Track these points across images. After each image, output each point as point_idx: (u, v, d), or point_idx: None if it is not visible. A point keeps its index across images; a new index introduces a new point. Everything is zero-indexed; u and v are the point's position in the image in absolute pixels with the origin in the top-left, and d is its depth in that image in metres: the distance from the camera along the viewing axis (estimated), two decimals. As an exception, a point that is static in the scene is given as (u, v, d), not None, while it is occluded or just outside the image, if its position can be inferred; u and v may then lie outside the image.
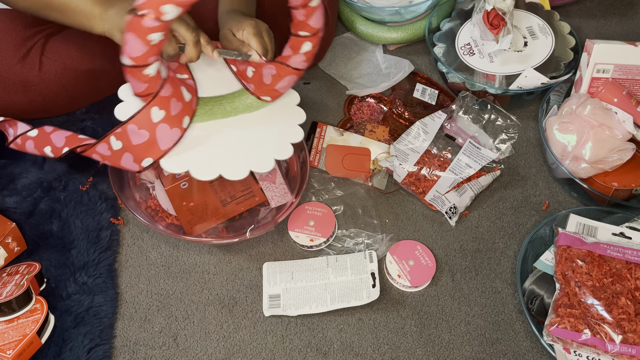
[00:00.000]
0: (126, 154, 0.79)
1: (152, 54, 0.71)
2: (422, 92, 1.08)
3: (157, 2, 0.66)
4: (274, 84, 0.85)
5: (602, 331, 0.76)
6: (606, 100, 0.93)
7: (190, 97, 0.81)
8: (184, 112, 0.80)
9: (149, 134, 0.77)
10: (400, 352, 0.82)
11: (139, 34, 0.68)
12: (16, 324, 0.79)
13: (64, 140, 0.84)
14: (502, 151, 1.01)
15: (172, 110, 0.78)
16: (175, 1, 0.66)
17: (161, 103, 0.76)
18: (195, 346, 0.83)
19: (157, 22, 0.67)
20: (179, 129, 0.79)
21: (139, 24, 0.67)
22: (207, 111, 0.85)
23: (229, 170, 0.79)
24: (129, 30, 0.68)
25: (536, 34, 1.07)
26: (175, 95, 0.78)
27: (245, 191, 0.91)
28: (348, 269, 0.87)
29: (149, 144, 0.77)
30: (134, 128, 0.77)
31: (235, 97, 0.87)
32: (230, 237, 0.88)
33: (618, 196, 0.91)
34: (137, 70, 0.73)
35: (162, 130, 0.77)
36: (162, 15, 0.67)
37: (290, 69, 0.83)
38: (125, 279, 0.89)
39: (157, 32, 0.68)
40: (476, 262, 0.91)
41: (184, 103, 0.79)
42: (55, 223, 0.92)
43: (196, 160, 0.79)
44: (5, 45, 0.92)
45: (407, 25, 1.15)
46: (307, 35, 0.79)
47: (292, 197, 0.91)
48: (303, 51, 0.81)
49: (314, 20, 0.77)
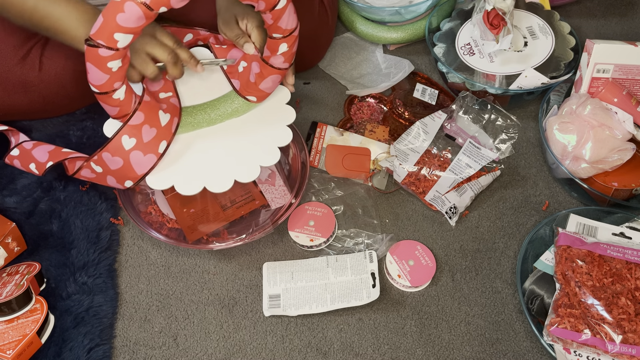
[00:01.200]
0: (109, 176, 0.80)
1: (116, 79, 0.72)
2: (422, 92, 1.08)
3: (108, 32, 0.67)
4: (258, 84, 0.85)
5: (602, 331, 0.76)
6: (606, 100, 0.93)
7: (167, 120, 0.81)
8: (159, 138, 0.80)
9: (122, 160, 0.78)
10: (400, 352, 0.82)
11: (98, 63, 0.69)
12: (16, 324, 0.79)
13: (47, 155, 0.84)
14: (502, 151, 1.01)
15: (145, 137, 0.78)
16: (123, 30, 0.67)
17: (131, 131, 0.77)
18: (195, 346, 0.83)
19: (112, 51, 0.68)
20: (154, 155, 0.79)
21: (96, 53, 0.68)
22: (191, 121, 0.84)
23: (213, 183, 0.79)
24: (88, 60, 0.69)
25: (536, 34, 1.07)
26: (149, 121, 0.78)
27: (245, 195, 0.91)
28: (348, 269, 0.87)
29: (125, 169, 0.78)
30: (108, 155, 0.78)
31: (221, 103, 0.87)
32: (229, 240, 0.87)
33: (618, 196, 0.91)
34: (106, 97, 0.74)
35: (136, 156, 0.78)
36: (115, 44, 0.68)
37: (273, 69, 0.83)
38: (125, 279, 0.89)
39: (115, 59, 0.69)
40: (476, 262, 0.91)
41: (159, 129, 0.79)
42: (55, 223, 0.92)
43: (180, 175, 0.80)
44: (5, 45, 0.92)
45: (407, 25, 1.15)
46: (281, 37, 0.79)
47: (291, 197, 0.91)
48: (280, 52, 0.81)
49: (283, 22, 0.77)
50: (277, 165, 0.94)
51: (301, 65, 1.10)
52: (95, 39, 0.67)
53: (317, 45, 1.11)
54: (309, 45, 1.07)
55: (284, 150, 0.96)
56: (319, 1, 1.07)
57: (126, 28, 0.66)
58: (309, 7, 1.04)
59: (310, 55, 1.10)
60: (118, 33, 0.67)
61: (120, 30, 0.66)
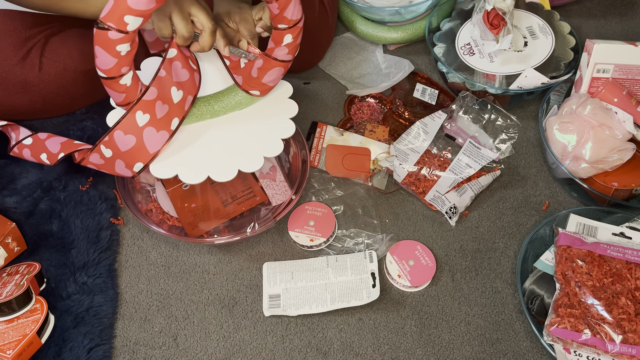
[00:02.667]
0: (118, 161, 0.80)
1: (124, 64, 0.72)
2: (422, 92, 1.08)
3: (118, 14, 0.67)
4: (261, 77, 0.85)
5: (602, 331, 0.76)
6: (606, 100, 0.93)
7: (180, 97, 0.81)
8: (171, 114, 0.80)
9: (135, 138, 0.78)
10: (400, 352, 0.82)
11: (107, 46, 0.69)
12: (16, 324, 0.79)
13: (59, 146, 0.84)
14: (502, 151, 1.01)
15: (158, 113, 0.78)
16: (134, 12, 0.67)
17: (145, 107, 0.77)
18: (195, 346, 0.83)
19: (121, 34, 0.68)
20: (166, 132, 0.79)
21: (105, 36, 0.68)
22: (195, 113, 0.85)
23: (217, 172, 0.79)
24: (96, 43, 0.70)
25: (536, 34, 1.07)
26: (161, 97, 0.78)
27: (246, 191, 0.91)
28: (348, 269, 0.87)
29: (137, 148, 0.78)
30: (120, 134, 0.78)
31: (224, 95, 0.87)
32: (231, 235, 0.88)
33: (618, 196, 0.91)
34: (112, 82, 0.74)
35: (149, 133, 0.78)
36: (125, 27, 0.68)
37: (275, 62, 0.84)
38: (125, 279, 0.89)
39: (124, 43, 0.70)
40: (476, 262, 0.91)
41: (171, 105, 0.80)
42: (55, 223, 0.92)
43: (184, 164, 0.80)
44: (5, 45, 0.92)
45: (407, 25, 1.15)
46: (286, 28, 0.80)
47: (291, 193, 0.91)
48: (285, 43, 0.82)
49: (289, 12, 0.77)
50: (278, 163, 0.94)
51: (301, 65, 1.11)
52: (105, 21, 0.67)
53: (317, 45, 1.11)
54: (309, 45, 1.07)
55: (285, 148, 0.96)
56: (319, 1, 1.07)
57: (137, 11, 0.67)
58: (309, 7, 1.04)
59: (310, 55, 1.11)
60: (128, 15, 0.67)
61: (131, 12, 0.67)
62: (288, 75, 0.93)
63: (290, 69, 0.88)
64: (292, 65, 0.87)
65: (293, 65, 0.87)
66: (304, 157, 0.94)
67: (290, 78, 0.96)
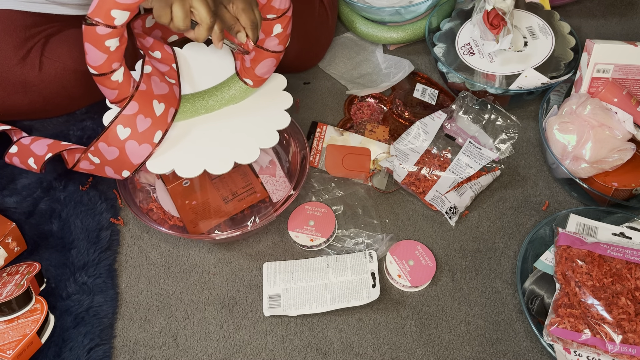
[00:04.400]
0: (107, 167, 0.81)
1: (114, 59, 0.72)
2: (422, 92, 1.08)
3: (105, 9, 0.67)
4: (254, 68, 0.86)
5: (602, 331, 0.76)
6: (606, 100, 0.93)
7: (162, 110, 0.81)
8: (154, 128, 0.80)
9: (118, 150, 0.78)
10: (400, 352, 0.82)
11: (96, 42, 0.70)
12: (16, 324, 0.79)
13: (46, 148, 0.84)
14: (502, 151, 1.01)
15: (139, 127, 0.78)
16: (120, 6, 0.67)
17: (125, 121, 0.77)
18: (195, 346, 0.83)
19: (109, 29, 0.69)
20: (149, 145, 0.79)
21: (94, 32, 0.69)
22: (189, 108, 0.85)
23: (213, 164, 0.79)
24: (86, 40, 0.70)
25: (536, 34, 1.07)
26: (143, 111, 0.78)
27: (247, 187, 0.91)
28: (348, 269, 0.87)
29: (121, 159, 0.79)
30: (104, 146, 0.78)
31: (218, 90, 0.87)
32: (232, 230, 0.88)
33: (618, 196, 0.91)
34: (104, 78, 0.74)
35: (131, 146, 0.78)
36: (113, 21, 0.68)
37: (267, 52, 0.84)
38: (125, 279, 0.89)
39: (113, 37, 0.70)
40: (476, 262, 0.91)
41: (154, 118, 0.80)
42: (55, 223, 0.92)
43: (180, 158, 0.80)
44: (5, 45, 0.92)
45: (407, 25, 1.15)
46: (275, 17, 0.80)
47: (290, 187, 0.91)
48: (275, 34, 0.82)
49: (276, 1, 0.78)
50: (278, 161, 0.94)
51: (301, 65, 1.11)
52: (93, 17, 0.68)
53: (317, 45, 1.11)
54: (309, 45, 1.07)
55: (285, 148, 0.96)
56: (319, 1, 1.07)
57: (123, 4, 0.67)
58: (309, 7, 1.04)
59: (310, 55, 1.10)
60: (115, 10, 0.67)
61: (117, 6, 0.67)
62: (288, 75, 0.94)
63: (291, 69, 0.88)
64: (292, 65, 0.87)
65: (293, 65, 0.87)
66: (304, 155, 0.94)
67: (290, 78, 0.96)
